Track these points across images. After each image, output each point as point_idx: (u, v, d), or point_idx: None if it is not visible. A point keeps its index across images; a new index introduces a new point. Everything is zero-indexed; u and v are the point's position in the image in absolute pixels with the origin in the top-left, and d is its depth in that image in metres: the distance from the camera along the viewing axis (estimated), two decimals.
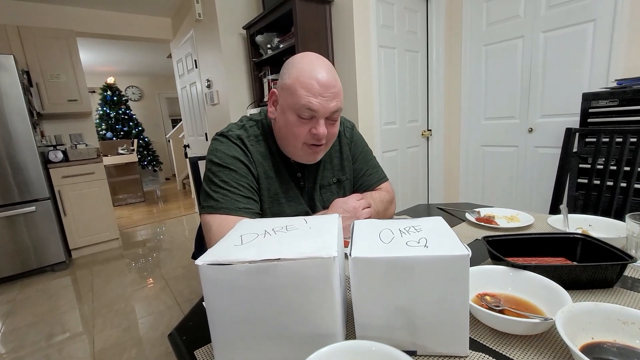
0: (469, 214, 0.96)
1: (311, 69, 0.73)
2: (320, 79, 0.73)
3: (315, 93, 0.72)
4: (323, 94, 0.73)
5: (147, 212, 4.49)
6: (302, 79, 0.73)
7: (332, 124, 0.79)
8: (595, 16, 1.85)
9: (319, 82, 0.72)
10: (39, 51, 2.82)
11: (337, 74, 0.78)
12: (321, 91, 0.73)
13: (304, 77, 0.73)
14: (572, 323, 0.40)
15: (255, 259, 0.37)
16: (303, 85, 0.72)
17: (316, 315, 0.39)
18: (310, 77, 0.73)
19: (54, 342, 1.68)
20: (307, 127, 0.76)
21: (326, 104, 0.73)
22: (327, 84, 0.73)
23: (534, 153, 2.27)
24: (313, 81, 0.72)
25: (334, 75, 0.76)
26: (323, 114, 0.74)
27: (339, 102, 0.76)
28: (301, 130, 0.76)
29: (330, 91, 0.74)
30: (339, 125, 0.82)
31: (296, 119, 0.75)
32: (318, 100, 0.73)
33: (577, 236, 0.63)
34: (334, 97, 0.74)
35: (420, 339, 0.42)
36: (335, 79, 0.75)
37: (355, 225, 0.50)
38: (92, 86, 5.68)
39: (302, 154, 0.81)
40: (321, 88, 0.72)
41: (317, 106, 0.73)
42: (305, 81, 0.72)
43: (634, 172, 1.11)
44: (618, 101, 1.61)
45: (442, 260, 0.38)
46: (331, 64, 0.79)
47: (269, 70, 2.54)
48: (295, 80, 0.73)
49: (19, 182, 2.42)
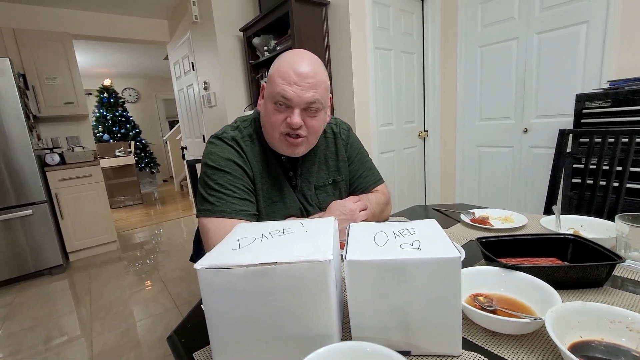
0: (464, 215, 0.97)
1: (292, 60, 0.75)
2: (297, 68, 0.73)
3: (291, 81, 0.73)
4: (299, 83, 0.73)
5: (145, 214, 4.48)
6: (280, 69, 0.74)
7: (311, 116, 0.78)
8: (588, 18, 1.88)
9: (296, 72, 0.73)
10: (35, 54, 2.81)
11: (322, 68, 0.78)
12: (297, 80, 0.73)
13: (283, 66, 0.74)
14: (562, 322, 0.41)
15: (252, 262, 0.38)
16: (280, 74, 0.74)
17: (312, 317, 0.40)
18: (288, 66, 0.74)
19: (51, 345, 1.67)
20: (283, 116, 0.76)
21: (301, 93, 0.73)
22: (305, 74, 0.73)
23: (529, 153, 2.29)
24: (290, 70, 0.73)
25: (315, 67, 0.75)
26: (298, 103, 0.74)
27: (316, 94, 0.75)
28: (277, 119, 0.77)
29: (307, 81, 0.73)
30: (322, 120, 0.81)
31: (273, 107, 0.76)
32: (292, 88, 0.73)
33: (569, 237, 0.64)
34: (311, 87, 0.74)
35: (414, 339, 0.43)
36: (315, 71, 0.75)
37: (350, 229, 0.51)
38: (89, 88, 5.64)
39: (281, 145, 0.81)
40: (297, 77, 0.73)
41: (291, 94, 0.73)
42: (283, 70, 0.74)
43: (626, 172, 1.13)
44: (611, 102, 1.63)
45: (434, 262, 0.39)
46: (318, 59, 0.79)
47: (266, 72, 2.55)
48: (275, 70, 0.75)
49: (16, 186, 2.42)
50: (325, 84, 0.78)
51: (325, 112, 0.82)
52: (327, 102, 0.81)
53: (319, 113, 0.79)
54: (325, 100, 0.79)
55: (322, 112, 0.80)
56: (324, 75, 0.78)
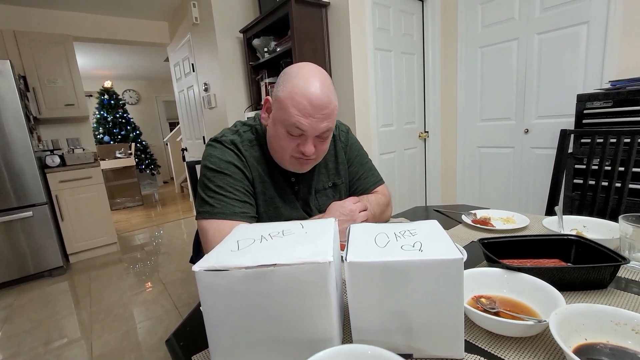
0: (466, 216, 0.96)
1: (305, 86, 0.71)
2: (313, 99, 0.70)
3: (306, 114, 0.71)
4: (314, 115, 0.71)
5: (145, 216, 4.47)
6: (295, 97, 0.71)
7: (321, 141, 0.78)
8: (589, 18, 1.87)
9: (311, 103, 0.70)
10: (36, 56, 2.81)
11: (333, 89, 0.76)
12: (312, 112, 0.71)
13: (296, 94, 0.71)
14: (566, 325, 0.40)
15: (252, 264, 0.38)
16: (295, 103, 0.71)
17: (313, 320, 0.39)
18: (303, 95, 0.70)
19: (51, 348, 1.67)
20: (295, 143, 0.76)
21: (316, 125, 0.72)
22: (320, 104, 0.71)
23: (530, 154, 2.28)
24: (305, 101, 0.70)
25: (327, 93, 0.73)
26: (312, 133, 0.74)
27: (330, 123, 0.75)
28: (289, 145, 0.76)
29: (322, 112, 0.72)
30: (329, 140, 0.82)
31: (285, 133, 0.75)
32: (308, 121, 0.71)
33: (572, 238, 0.64)
34: (326, 118, 0.73)
35: (416, 342, 0.42)
36: (328, 98, 0.73)
37: (351, 230, 0.50)
38: (89, 90, 5.65)
39: (290, 164, 0.81)
40: (312, 109, 0.71)
41: (306, 127, 0.72)
42: (298, 100, 0.71)
43: (628, 173, 1.12)
44: (612, 102, 1.63)
45: (436, 264, 0.38)
46: (329, 79, 0.76)
47: (266, 73, 2.55)
48: (288, 95, 0.72)
49: (16, 187, 2.42)
50: (336, 108, 0.77)
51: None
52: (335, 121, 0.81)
53: (330, 136, 0.80)
54: (334, 121, 0.79)
55: (331, 133, 0.80)
56: (335, 99, 0.76)
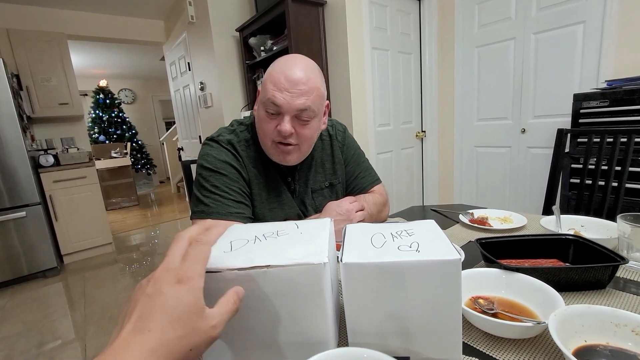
0: (463, 216, 0.95)
1: (284, 65, 0.72)
2: (289, 74, 0.71)
3: (281, 88, 0.70)
4: (289, 90, 0.71)
5: (141, 216, 4.44)
6: (273, 74, 0.72)
7: (302, 124, 0.75)
8: (585, 18, 1.88)
9: (287, 77, 0.71)
10: (29, 54, 2.78)
11: (317, 74, 0.75)
12: (288, 86, 0.70)
13: (275, 72, 0.72)
14: (565, 326, 0.40)
15: (245, 265, 0.37)
16: (272, 79, 0.72)
17: (308, 322, 0.38)
18: (280, 72, 0.71)
19: (45, 350, 1.65)
20: (274, 123, 0.74)
21: (291, 100, 0.71)
22: (296, 79, 0.70)
23: (526, 153, 2.29)
24: (281, 76, 0.71)
25: (308, 73, 0.72)
26: (288, 110, 0.72)
27: (307, 101, 0.72)
28: (268, 126, 0.75)
29: (298, 87, 0.71)
30: (314, 128, 0.78)
31: (264, 114, 0.74)
32: (283, 95, 0.71)
33: (570, 237, 0.63)
34: (302, 94, 0.71)
35: (413, 344, 0.41)
36: (308, 77, 0.72)
37: (347, 230, 0.49)
38: (85, 89, 5.61)
39: (273, 152, 0.79)
40: (288, 83, 0.70)
41: (280, 101, 0.71)
42: (275, 75, 0.72)
43: (625, 172, 1.12)
44: (609, 102, 1.63)
45: (433, 264, 0.37)
46: (314, 65, 0.76)
47: (263, 72, 2.53)
48: (268, 75, 0.73)
49: (9, 187, 2.39)
50: (319, 91, 0.75)
51: (319, 120, 0.79)
52: (321, 109, 0.78)
53: (312, 121, 0.76)
54: (318, 107, 0.76)
55: (315, 120, 0.77)
56: (318, 82, 0.75)
